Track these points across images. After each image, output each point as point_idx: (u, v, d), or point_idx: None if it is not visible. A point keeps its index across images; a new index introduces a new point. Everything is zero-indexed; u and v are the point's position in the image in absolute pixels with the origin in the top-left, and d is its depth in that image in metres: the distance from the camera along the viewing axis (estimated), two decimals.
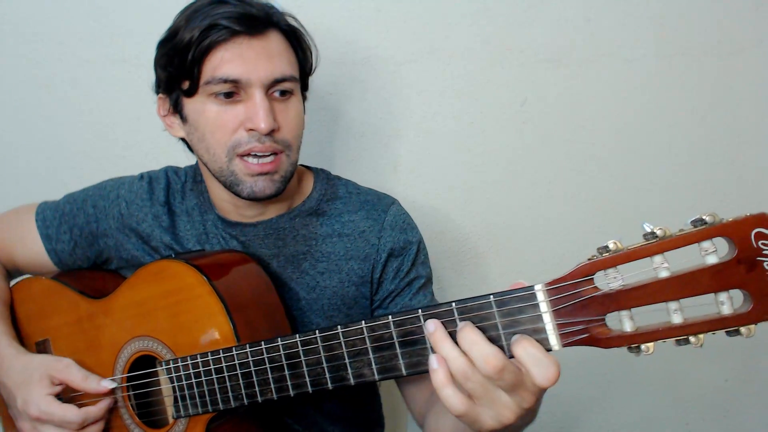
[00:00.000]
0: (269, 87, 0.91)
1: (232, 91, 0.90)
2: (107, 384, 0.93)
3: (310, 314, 1.01)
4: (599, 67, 1.39)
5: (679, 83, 1.41)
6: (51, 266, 1.12)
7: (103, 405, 0.93)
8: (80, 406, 0.93)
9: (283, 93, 0.93)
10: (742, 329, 0.57)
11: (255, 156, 0.92)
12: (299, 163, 1.12)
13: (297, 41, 0.97)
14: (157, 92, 0.99)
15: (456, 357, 0.62)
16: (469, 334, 0.62)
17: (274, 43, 0.92)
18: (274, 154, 0.92)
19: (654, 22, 1.38)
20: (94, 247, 1.10)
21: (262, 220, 1.02)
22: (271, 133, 0.91)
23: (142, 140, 1.38)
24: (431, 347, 0.64)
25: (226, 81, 0.89)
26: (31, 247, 1.11)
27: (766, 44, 1.40)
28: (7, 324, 1.05)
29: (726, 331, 0.58)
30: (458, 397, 0.62)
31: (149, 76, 0.98)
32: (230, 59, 0.89)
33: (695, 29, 1.39)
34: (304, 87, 1.02)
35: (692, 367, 1.53)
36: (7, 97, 1.36)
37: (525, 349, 0.60)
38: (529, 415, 0.66)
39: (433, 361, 0.63)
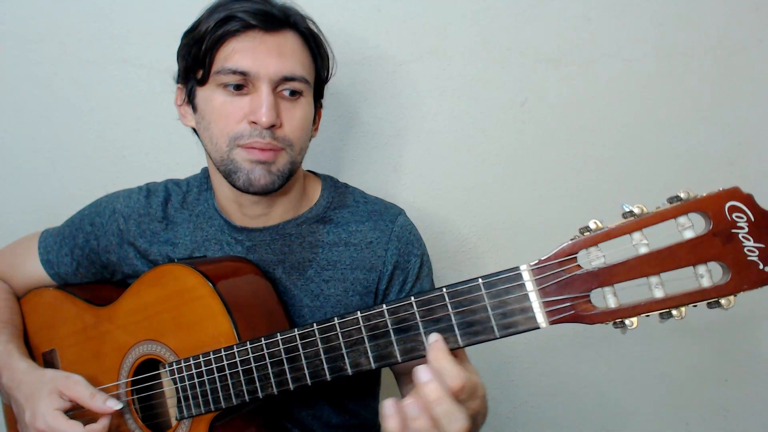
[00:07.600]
0: (278, 84, 0.92)
1: (241, 84, 0.91)
2: (112, 404, 0.90)
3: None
4: (599, 67, 1.39)
5: (679, 83, 1.41)
6: None
7: (105, 422, 0.91)
8: (89, 421, 0.91)
9: (293, 93, 0.93)
10: (722, 300, 0.59)
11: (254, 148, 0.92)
12: (307, 169, 1.12)
13: (315, 47, 0.98)
14: (177, 82, 1.01)
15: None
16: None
17: (288, 42, 0.93)
18: (273, 150, 0.92)
19: (654, 22, 1.38)
20: (97, 264, 1.10)
21: (269, 225, 1.02)
22: (272, 129, 0.91)
23: (142, 140, 1.38)
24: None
25: (235, 72, 0.90)
26: (33, 275, 1.12)
27: (766, 44, 1.40)
28: (20, 343, 1.05)
29: (707, 303, 0.59)
30: None
31: (149, 76, 0.99)
32: (241, 51, 0.90)
33: (695, 29, 1.39)
34: (319, 94, 1.02)
35: (692, 367, 1.53)
36: (7, 97, 1.36)
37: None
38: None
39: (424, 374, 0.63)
